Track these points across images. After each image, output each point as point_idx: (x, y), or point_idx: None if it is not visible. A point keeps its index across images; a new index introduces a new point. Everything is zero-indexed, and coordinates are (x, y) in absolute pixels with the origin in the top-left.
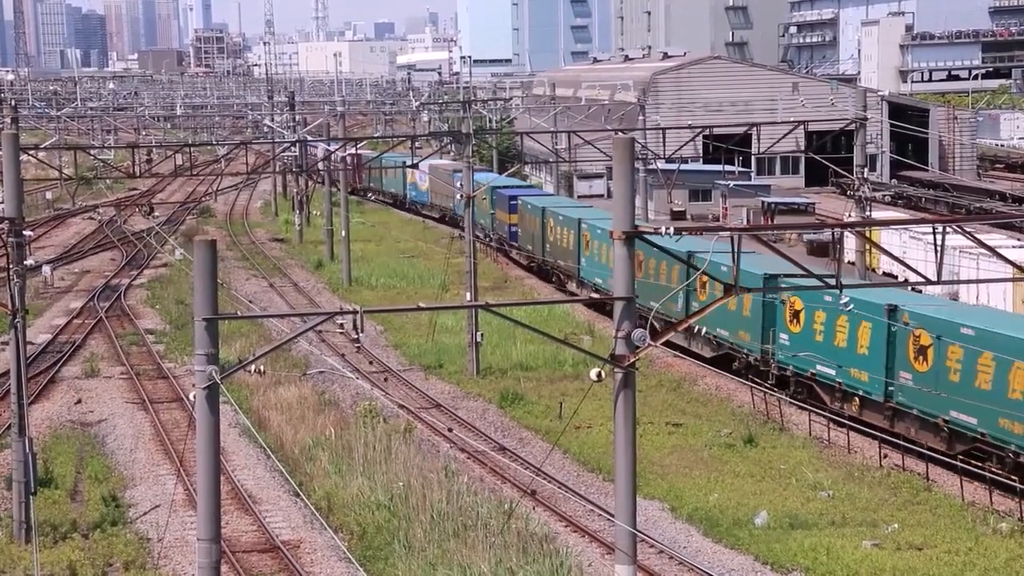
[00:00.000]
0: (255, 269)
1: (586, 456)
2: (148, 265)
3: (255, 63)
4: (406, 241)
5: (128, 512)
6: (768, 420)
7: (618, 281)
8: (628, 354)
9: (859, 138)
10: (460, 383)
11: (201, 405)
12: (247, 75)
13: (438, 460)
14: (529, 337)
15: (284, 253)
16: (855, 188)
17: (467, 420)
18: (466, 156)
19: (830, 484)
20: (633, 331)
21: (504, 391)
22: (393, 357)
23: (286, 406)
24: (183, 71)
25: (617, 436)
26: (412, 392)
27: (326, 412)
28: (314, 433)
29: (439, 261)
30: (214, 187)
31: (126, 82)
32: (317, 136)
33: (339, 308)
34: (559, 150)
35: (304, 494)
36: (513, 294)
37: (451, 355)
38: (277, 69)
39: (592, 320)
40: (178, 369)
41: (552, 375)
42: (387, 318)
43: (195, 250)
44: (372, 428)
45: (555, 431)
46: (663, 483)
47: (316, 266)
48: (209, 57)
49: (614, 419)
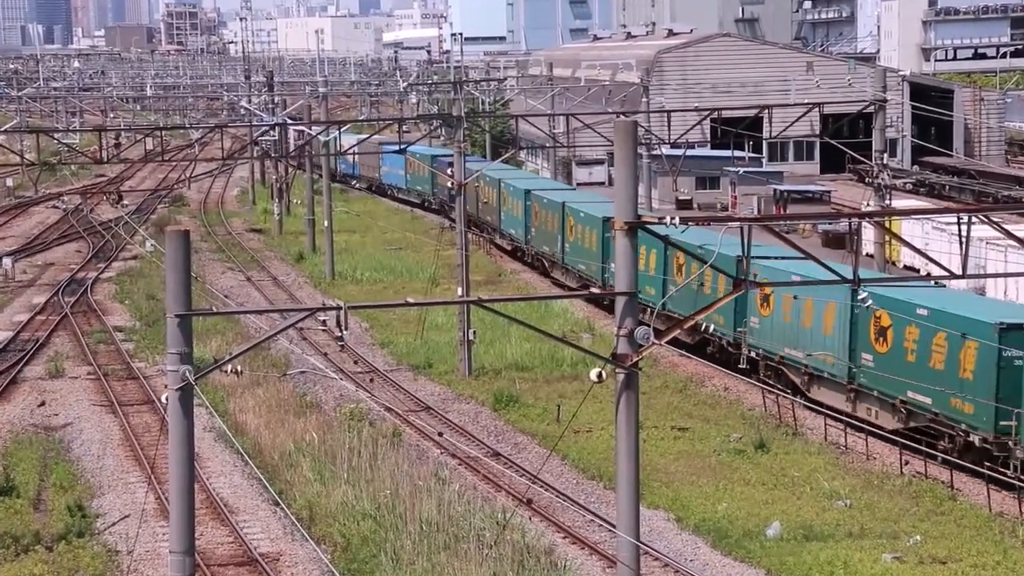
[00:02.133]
0: (231, 262)
1: (586, 462)
2: (116, 257)
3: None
4: (393, 232)
5: (95, 523)
6: (781, 424)
7: (620, 275)
8: (631, 353)
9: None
10: (451, 384)
11: (174, 408)
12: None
13: (428, 467)
14: (525, 335)
15: (262, 245)
16: (874, 175)
17: (459, 424)
18: (457, 140)
19: (847, 492)
20: (636, 328)
21: (498, 393)
22: (379, 356)
23: (265, 409)
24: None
25: (619, 441)
26: (400, 394)
27: (308, 415)
28: (295, 438)
29: (428, 253)
30: (187, 173)
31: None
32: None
33: (321, 303)
34: (557, 134)
35: (284, 503)
36: (508, 289)
37: (441, 354)
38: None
39: (592, 316)
40: (149, 369)
41: (549, 375)
42: (373, 315)
43: (167, 241)
44: (357, 432)
45: (553, 435)
46: (668, 491)
47: (297, 259)
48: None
49: (616, 423)
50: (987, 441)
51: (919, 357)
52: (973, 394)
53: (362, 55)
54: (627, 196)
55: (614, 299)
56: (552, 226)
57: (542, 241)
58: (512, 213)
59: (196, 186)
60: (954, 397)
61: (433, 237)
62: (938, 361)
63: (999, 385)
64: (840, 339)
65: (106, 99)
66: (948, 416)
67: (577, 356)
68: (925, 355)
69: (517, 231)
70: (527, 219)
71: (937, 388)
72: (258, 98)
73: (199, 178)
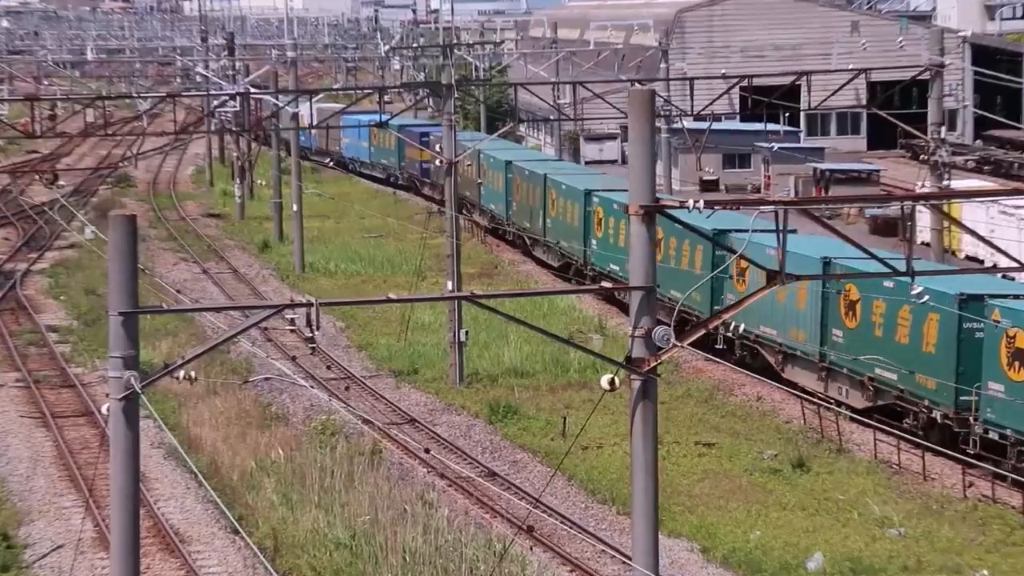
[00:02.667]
0: (185, 252)
1: (596, 483)
2: (51, 246)
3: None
4: (372, 217)
5: (23, 554)
6: (823, 439)
7: (635, 267)
8: (648, 357)
9: (935, 89)
10: (439, 393)
11: (116, 420)
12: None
13: (412, 489)
14: (525, 336)
15: (221, 232)
16: (930, 151)
17: (448, 439)
18: (447, 112)
19: (901, 519)
20: (654, 328)
21: (494, 403)
22: (356, 360)
23: (223, 421)
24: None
25: (634, 459)
26: (380, 404)
27: (273, 429)
28: (257, 455)
29: (413, 242)
30: (134, 150)
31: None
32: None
33: (289, 299)
34: (562, 105)
35: (245, 531)
36: (505, 282)
37: (428, 358)
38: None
39: (603, 314)
40: (88, 376)
41: (554, 383)
42: (349, 312)
43: (110, 228)
44: (330, 449)
45: (557, 452)
46: (692, 517)
47: (261, 248)
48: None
49: (630, 437)
50: (948, 417)
51: (885, 332)
52: (935, 369)
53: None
54: (643, 176)
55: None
56: (533, 200)
57: (523, 217)
58: (492, 187)
59: (144, 164)
60: (919, 372)
61: (418, 223)
62: (903, 335)
63: (959, 359)
64: (812, 315)
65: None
66: (912, 393)
67: (586, 360)
68: (891, 329)
69: (498, 207)
70: (508, 193)
71: (902, 363)
72: (216, 63)
73: (148, 155)
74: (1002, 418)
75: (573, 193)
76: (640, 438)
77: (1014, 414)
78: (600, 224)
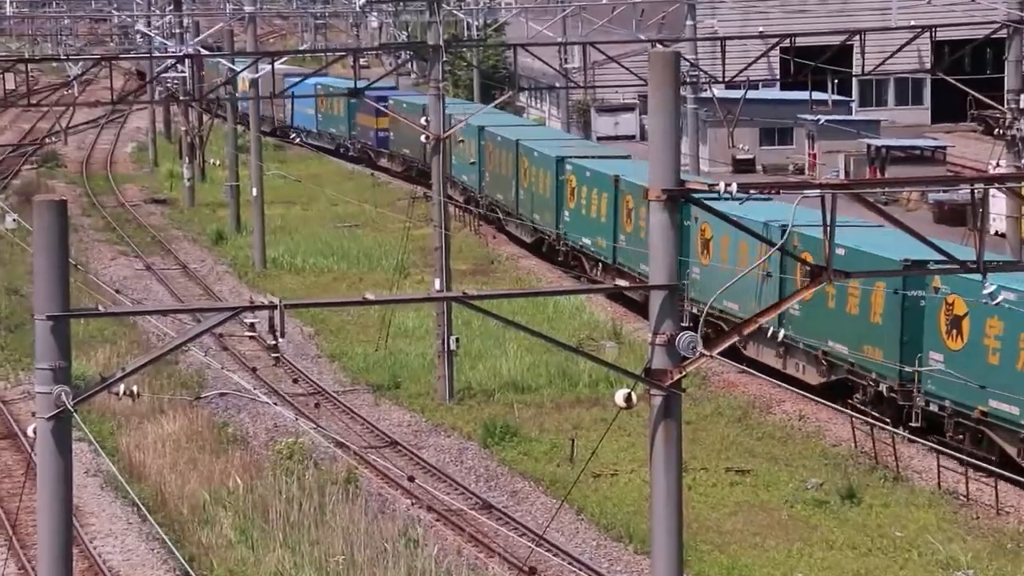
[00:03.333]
0: (125, 244)
1: (610, 517)
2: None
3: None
4: (346, 203)
5: None
6: (877, 465)
7: (656, 262)
8: (671, 368)
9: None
10: (426, 411)
11: (45, 443)
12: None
13: (394, 523)
14: (527, 343)
15: (168, 221)
16: (1006, 124)
17: (436, 465)
18: (434, 78)
19: (970, 560)
20: (679, 335)
21: (490, 422)
22: (328, 373)
23: (171, 445)
24: None
25: (655, 488)
26: (356, 424)
27: (229, 454)
28: (212, 484)
29: (394, 233)
30: (63, 123)
31: None
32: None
33: (249, 301)
34: (570, 70)
35: (197, 573)
36: (503, 281)
37: (412, 370)
38: None
39: (619, 318)
40: (9, 392)
41: (560, 399)
42: (319, 316)
43: (35, 215)
44: (297, 477)
45: (564, 481)
46: (723, 557)
47: (215, 240)
48: None
49: (650, 463)
50: (893, 390)
51: (838, 303)
52: (881, 339)
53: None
54: (666, 155)
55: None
56: (506, 170)
57: (496, 188)
58: (464, 156)
59: (75, 140)
60: (867, 344)
61: (400, 211)
62: (854, 306)
63: (903, 328)
64: (773, 286)
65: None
66: (861, 366)
67: (598, 372)
68: (843, 301)
69: (470, 178)
70: (481, 162)
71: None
72: (161, 20)
73: (79, 129)
74: (941, 389)
75: (545, 161)
76: (661, 464)
77: (952, 384)
78: (573, 194)
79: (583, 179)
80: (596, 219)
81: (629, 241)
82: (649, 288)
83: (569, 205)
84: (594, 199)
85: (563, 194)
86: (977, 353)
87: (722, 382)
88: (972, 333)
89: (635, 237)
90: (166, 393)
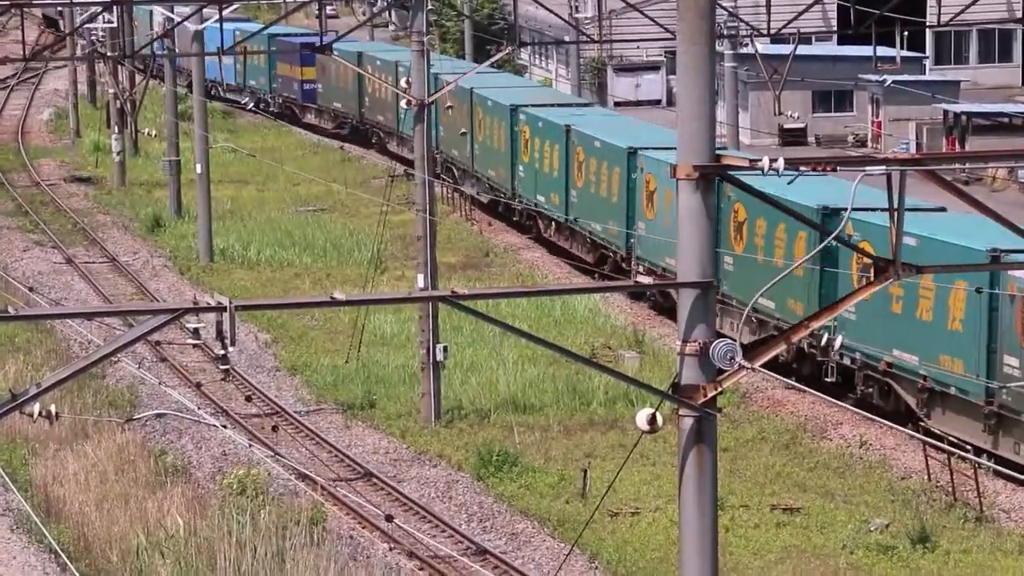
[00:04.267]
0: (40, 232)
1: (630, 564)
2: None
3: None
4: (310, 182)
5: None
6: (956, 502)
7: (685, 254)
8: (704, 383)
9: None
10: (407, 435)
11: None
12: None
13: (368, 572)
14: (529, 353)
15: (93, 203)
16: None
17: (419, 502)
18: (416, 31)
19: None
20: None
21: (484, 449)
22: (288, 389)
23: (96, 477)
24: None
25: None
26: (322, 452)
27: (168, 487)
28: (147, 525)
29: (368, 219)
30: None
31: None
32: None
33: (192, 301)
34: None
35: None
36: (501, 278)
37: (391, 385)
38: None
39: (640, 322)
40: None
41: (569, 420)
42: (277, 320)
43: None
44: (251, 516)
45: (575, 520)
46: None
47: (150, 227)
48: None
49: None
50: (813, 346)
51: (767, 255)
52: (801, 290)
53: None
54: (698, 124)
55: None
56: (461, 123)
57: (451, 144)
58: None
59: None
60: (791, 298)
61: (377, 191)
62: (780, 257)
63: (822, 278)
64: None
65: None
66: (785, 320)
67: (616, 388)
68: (770, 252)
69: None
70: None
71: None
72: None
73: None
74: (853, 338)
75: (499, 111)
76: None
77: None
78: (527, 148)
79: (536, 130)
80: (547, 173)
81: (580, 197)
82: (678, 286)
83: (523, 160)
84: (547, 152)
85: (517, 147)
86: None
87: (765, 400)
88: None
89: (586, 192)
90: (91, 414)
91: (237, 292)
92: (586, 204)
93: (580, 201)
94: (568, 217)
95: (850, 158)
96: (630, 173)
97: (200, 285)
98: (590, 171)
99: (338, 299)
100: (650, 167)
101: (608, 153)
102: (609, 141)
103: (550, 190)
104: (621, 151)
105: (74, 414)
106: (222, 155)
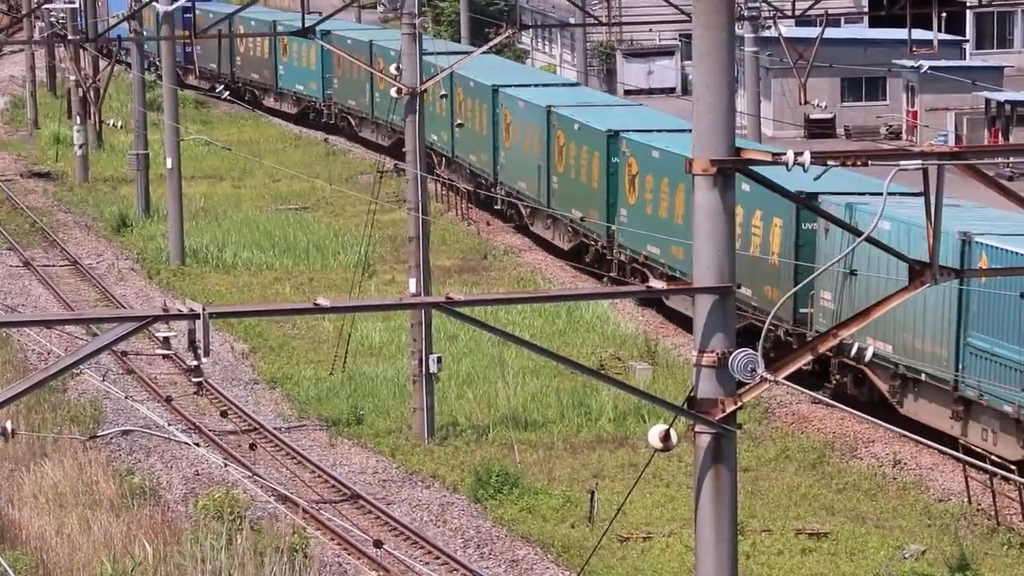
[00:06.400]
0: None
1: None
2: None
3: None
4: (291, 177)
5: None
6: (999, 526)
7: (702, 256)
8: (722, 397)
9: None
10: (397, 454)
11: None
12: None
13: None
14: (531, 364)
15: (53, 201)
16: None
17: (410, 526)
18: (407, 12)
19: None
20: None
21: (482, 469)
22: (267, 403)
23: (56, 500)
24: None
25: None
26: (304, 472)
27: (136, 510)
28: (112, 551)
29: (355, 218)
30: None
31: None
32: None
33: (162, 308)
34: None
35: None
36: (500, 282)
37: (379, 400)
38: None
39: (652, 331)
40: None
41: (574, 438)
42: (255, 328)
43: None
44: (226, 542)
45: (581, 546)
46: None
47: (116, 227)
48: None
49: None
50: (601, 247)
51: (653, 207)
52: (684, 237)
53: None
54: (716, 114)
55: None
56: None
57: (431, 128)
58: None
59: None
60: (673, 245)
61: (364, 188)
62: (664, 209)
63: (608, 190)
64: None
65: None
66: (670, 267)
67: (626, 403)
68: (657, 203)
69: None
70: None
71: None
72: None
73: None
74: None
75: (481, 92)
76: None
77: (631, 237)
78: (508, 131)
79: (517, 112)
80: (529, 158)
81: (561, 183)
82: (693, 291)
83: (505, 144)
84: (528, 134)
85: (499, 130)
86: None
87: (790, 416)
88: None
89: (566, 178)
90: (50, 431)
91: (211, 298)
92: (567, 191)
93: (561, 188)
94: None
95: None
96: (611, 157)
97: (171, 290)
98: (570, 156)
99: (322, 305)
100: (632, 151)
101: (588, 136)
102: (588, 124)
103: (530, 176)
104: (601, 134)
105: (31, 431)
106: (194, 148)
